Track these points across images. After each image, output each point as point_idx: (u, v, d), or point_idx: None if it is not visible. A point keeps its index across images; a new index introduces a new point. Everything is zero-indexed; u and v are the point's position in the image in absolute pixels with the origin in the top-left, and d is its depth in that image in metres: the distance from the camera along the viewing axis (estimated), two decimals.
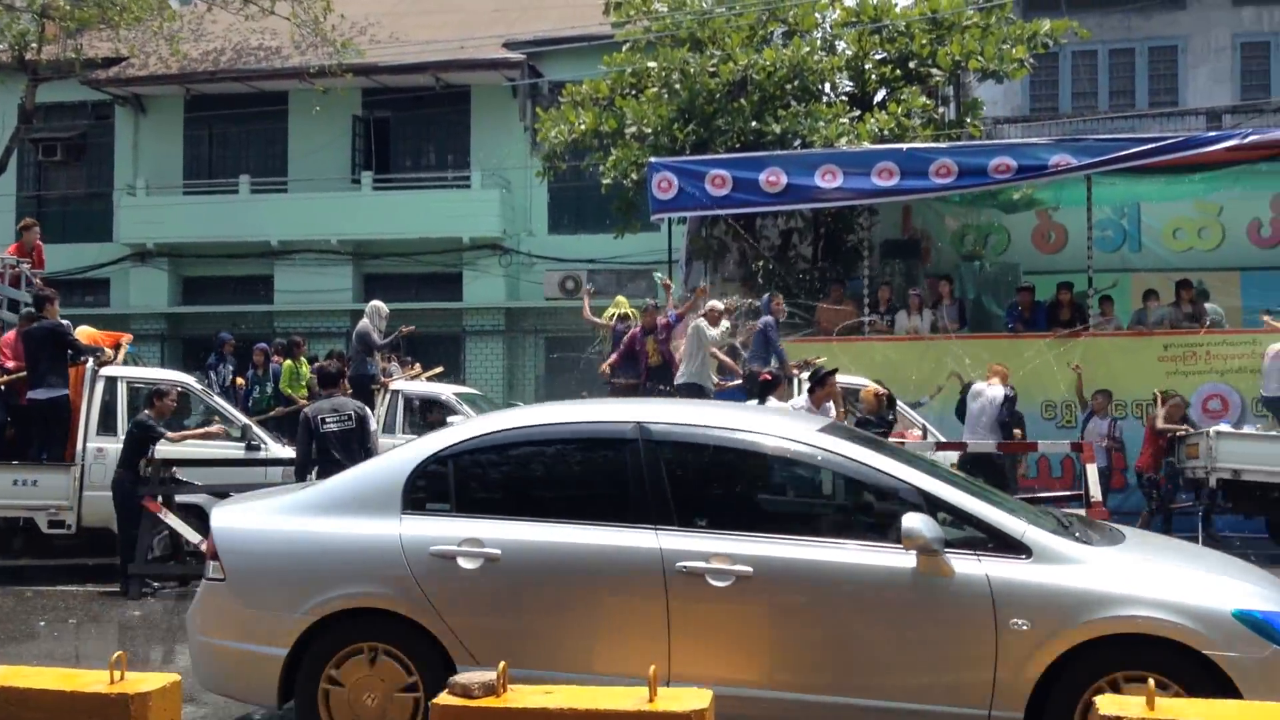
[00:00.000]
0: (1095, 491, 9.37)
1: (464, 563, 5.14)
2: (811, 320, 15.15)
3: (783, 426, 5.58)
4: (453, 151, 23.26)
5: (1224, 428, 12.42)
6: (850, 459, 5.22)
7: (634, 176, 16.49)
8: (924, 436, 12.26)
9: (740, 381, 12.68)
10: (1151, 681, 3.89)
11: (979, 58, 16.26)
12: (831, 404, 10.54)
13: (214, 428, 11.50)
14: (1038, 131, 19.39)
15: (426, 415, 13.44)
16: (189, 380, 12.15)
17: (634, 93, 17.48)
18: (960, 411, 12.82)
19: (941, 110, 18.12)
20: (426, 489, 5.41)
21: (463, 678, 3.96)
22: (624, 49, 18.10)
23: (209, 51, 23.38)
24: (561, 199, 22.24)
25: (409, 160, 23.38)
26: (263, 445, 11.36)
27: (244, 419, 11.94)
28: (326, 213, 22.40)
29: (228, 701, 5.90)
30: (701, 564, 4.96)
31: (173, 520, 10.07)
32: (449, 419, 11.41)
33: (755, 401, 10.40)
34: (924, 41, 16.72)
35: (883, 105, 16.59)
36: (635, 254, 20.07)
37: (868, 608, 4.89)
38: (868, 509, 5.46)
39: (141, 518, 10.03)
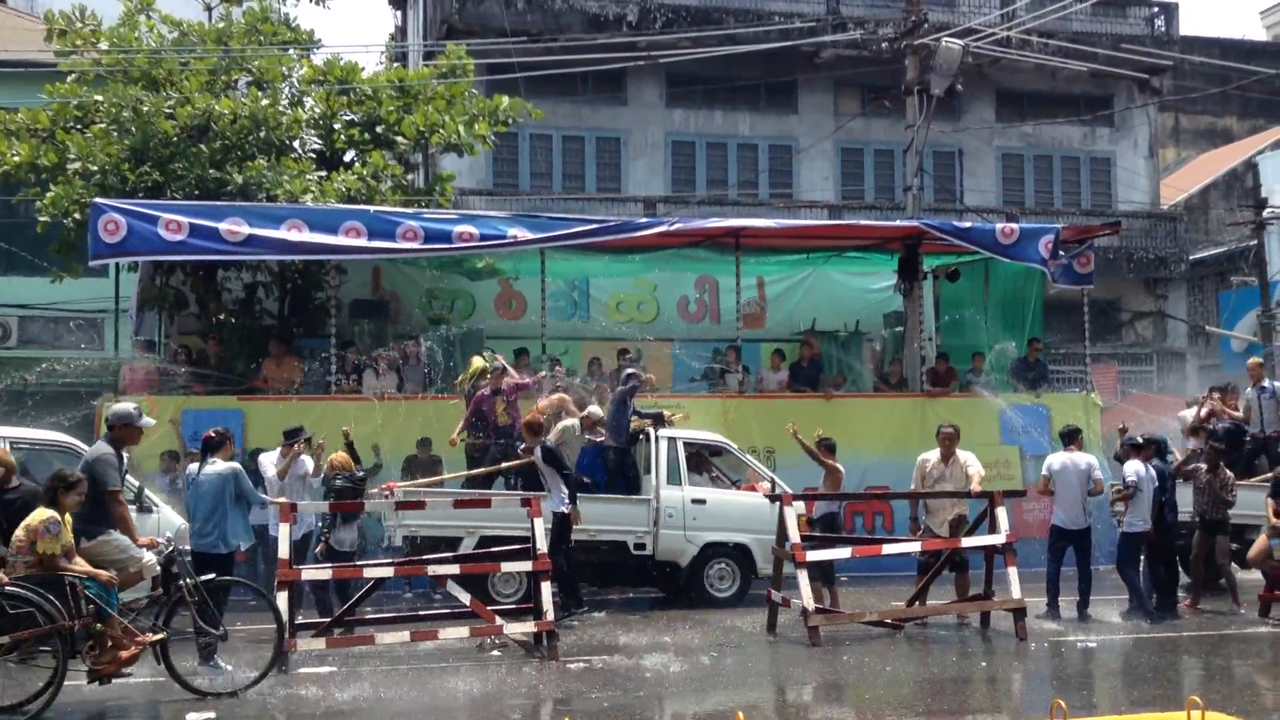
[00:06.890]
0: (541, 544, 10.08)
1: None
2: (254, 377, 14.82)
3: None
4: None
5: None
6: None
7: (76, 216, 15.05)
8: (773, 488, 12.79)
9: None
10: None
11: (441, 131, 16.84)
12: None
13: None
14: (499, 205, 20.50)
15: None
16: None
17: (79, 127, 16.00)
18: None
19: (411, 177, 18.53)
20: None
21: None
22: (69, 80, 16.55)
23: None
24: None
25: None
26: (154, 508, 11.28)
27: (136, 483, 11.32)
28: None
29: None
30: None
31: None
32: None
33: None
34: (391, 108, 17.00)
35: (350, 166, 16.61)
36: (77, 300, 18.26)
37: None
38: None
39: None
